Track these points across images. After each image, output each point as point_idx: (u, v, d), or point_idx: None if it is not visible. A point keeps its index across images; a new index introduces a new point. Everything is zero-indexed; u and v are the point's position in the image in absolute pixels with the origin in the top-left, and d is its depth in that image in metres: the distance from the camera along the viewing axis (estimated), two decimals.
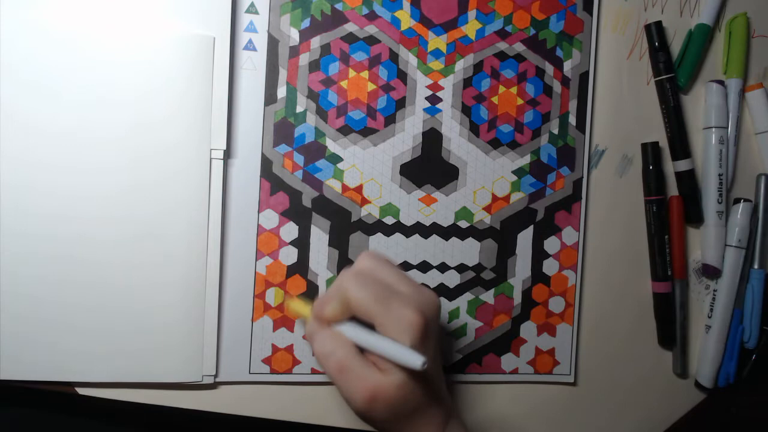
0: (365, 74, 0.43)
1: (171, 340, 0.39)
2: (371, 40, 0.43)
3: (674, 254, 0.48)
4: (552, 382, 0.47)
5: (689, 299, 0.49)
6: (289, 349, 0.43)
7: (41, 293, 0.38)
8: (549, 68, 0.46)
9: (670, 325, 0.48)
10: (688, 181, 0.48)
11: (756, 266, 0.49)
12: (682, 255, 0.48)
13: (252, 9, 0.41)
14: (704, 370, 0.49)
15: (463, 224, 0.45)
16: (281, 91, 0.42)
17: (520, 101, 0.45)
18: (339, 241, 0.43)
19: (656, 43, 0.47)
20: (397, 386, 0.32)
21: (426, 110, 0.44)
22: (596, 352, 0.48)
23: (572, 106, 0.46)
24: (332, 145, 0.43)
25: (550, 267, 0.46)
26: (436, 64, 0.44)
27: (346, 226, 0.43)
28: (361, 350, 0.33)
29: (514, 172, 0.45)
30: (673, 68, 0.47)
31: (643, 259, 0.49)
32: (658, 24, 0.47)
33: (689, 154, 0.48)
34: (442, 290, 0.45)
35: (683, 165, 0.47)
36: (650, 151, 0.47)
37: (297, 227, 0.42)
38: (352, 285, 0.33)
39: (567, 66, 0.46)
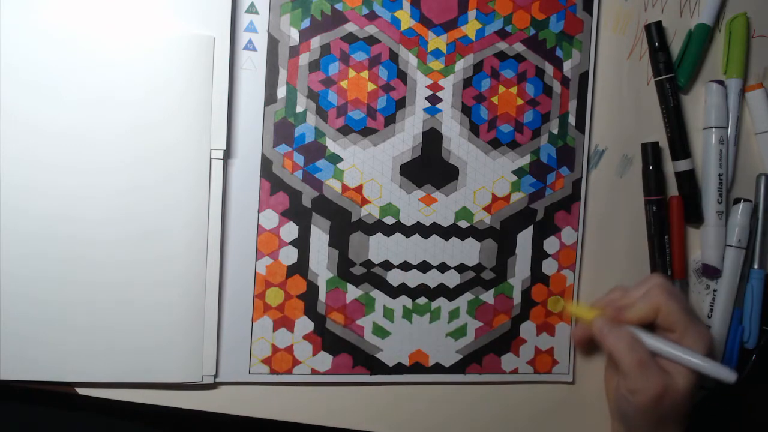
0: (365, 74, 0.43)
1: (171, 340, 0.39)
2: (371, 40, 0.43)
3: (674, 254, 0.48)
4: (551, 382, 0.47)
5: (689, 299, 0.49)
6: (289, 349, 0.43)
7: (41, 293, 0.38)
8: (549, 68, 0.46)
9: None
10: (688, 181, 0.48)
11: (756, 266, 0.49)
12: (682, 255, 0.48)
13: (252, 9, 0.41)
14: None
15: (463, 224, 0.45)
16: (281, 91, 0.42)
17: (520, 101, 0.45)
18: (339, 241, 0.43)
19: (656, 43, 0.47)
20: (684, 391, 0.38)
21: (426, 110, 0.44)
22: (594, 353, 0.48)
23: (572, 106, 0.46)
24: (332, 145, 0.43)
25: (549, 267, 0.46)
26: (436, 64, 0.44)
27: (346, 226, 0.43)
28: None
29: (514, 172, 0.45)
30: (673, 68, 0.47)
31: (643, 259, 0.49)
32: (658, 24, 0.47)
33: (689, 154, 0.48)
34: (442, 290, 0.45)
35: (683, 165, 0.47)
36: (650, 151, 0.47)
37: (297, 227, 0.42)
38: (666, 297, 0.39)
39: (567, 66, 0.46)
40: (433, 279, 0.45)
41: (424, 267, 0.44)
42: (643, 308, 0.40)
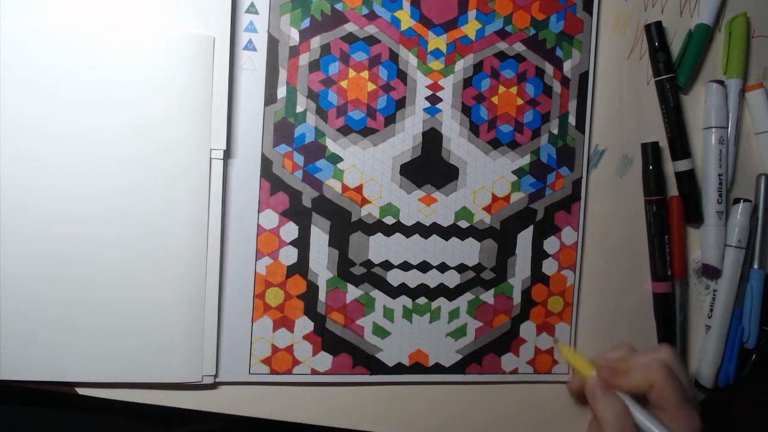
0: (365, 74, 0.43)
1: (171, 340, 0.39)
2: (371, 40, 0.43)
3: (674, 254, 0.48)
4: (551, 382, 0.47)
5: (689, 299, 0.49)
6: (289, 349, 0.43)
7: (41, 293, 0.38)
8: (549, 68, 0.46)
9: (670, 325, 0.48)
10: (688, 181, 0.48)
11: (756, 266, 0.49)
12: (682, 255, 0.48)
13: (252, 9, 0.41)
14: (704, 370, 0.49)
15: (463, 224, 0.45)
16: (281, 91, 0.42)
17: (520, 101, 0.45)
18: (339, 241, 0.43)
19: (656, 43, 0.47)
20: None
21: (426, 110, 0.44)
22: (595, 352, 0.48)
23: (572, 106, 0.46)
24: (332, 145, 0.43)
25: (549, 267, 0.46)
26: (436, 64, 0.44)
27: (346, 226, 0.43)
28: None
29: (514, 172, 0.45)
30: (673, 68, 0.47)
31: (643, 259, 0.49)
32: (658, 24, 0.47)
33: (689, 154, 0.48)
34: (442, 290, 0.45)
35: (683, 165, 0.47)
36: (650, 151, 0.47)
37: (297, 227, 0.42)
38: (663, 374, 0.39)
39: (567, 66, 0.46)
40: (433, 279, 0.45)
41: (424, 267, 0.44)
42: (638, 380, 0.40)
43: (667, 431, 0.38)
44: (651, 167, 0.47)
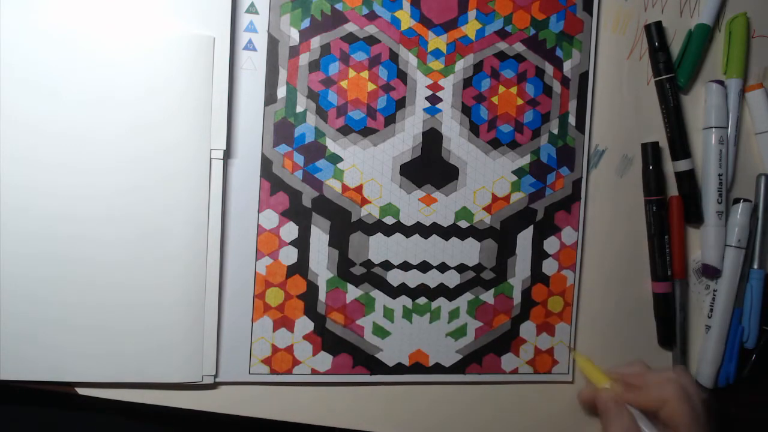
0: (365, 74, 0.43)
1: (171, 340, 0.39)
2: (371, 40, 0.43)
3: (674, 254, 0.48)
4: (551, 382, 0.47)
5: (689, 299, 0.49)
6: (289, 349, 0.43)
7: (41, 293, 0.38)
8: (549, 68, 0.46)
9: (670, 325, 0.48)
10: (688, 181, 0.48)
11: (756, 266, 0.49)
12: (682, 255, 0.48)
13: (252, 9, 0.41)
14: (704, 371, 0.49)
15: (463, 224, 0.45)
16: (281, 91, 0.42)
17: (520, 101, 0.45)
18: (339, 241, 0.43)
19: (656, 43, 0.47)
20: None
21: (426, 110, 0.44)
22: (595, 352, 0.48)
23: (572, 106, 0.46)
24: (332, 145, 0.43)
25: (549, 267, 0.46)
26: (436, 64, 0.44)
27: (346, 226, 0.43)
28: None
29: (514, 172, 0.45)
30: (673, 68, 0.47)
31: (643, 259, 0.49)
32: (658, 24, 0.47)
33: (689, 154, 0.48)
34: (442, 290, 0.45)
35: (683, 165, 0.47)
36: (650, 151, 0.47)
37: (297, 227, 0.42)
38: (677, 394, 0.39)
39: (567, 66, 0.46)
40: (433, 279, 0.45)
41: (424, 267, 0.44)
42: (652, 399, 0.40)
43: None
44: (651, 167, 0.47)
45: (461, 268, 0.45)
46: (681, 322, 0.48)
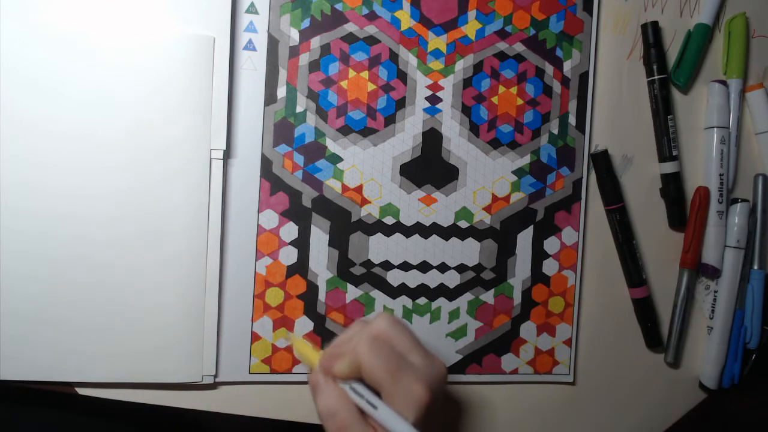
0: (365, 74, 0.43)
1: (171, 340, 0.39)
2: (371, 40, 0.43)
3: (693, 245, 0.47)
4: (551, 382, 0.47)
5: (691, 298, 0.49)
6: (289, 349, 0.42)
7: (41, 293, 0.38)
8: (549, 68, 0.46)
9: (655, 327, 0.48)
10: (674, 184, 0.47)
11: (756, 267, 0.49)
12: (698, 247, 0.48)
13: (252, 9, 0.41)
14: (708, 372, 0.49)
15: (463, 224, 0.45)
16: (281, 91, 0.42)
17: (520, 101, 0.45)
18: (339, 241, 0.43)
19: (651, 42, 0.47)
20: None
21: (426, 110, 0.44)
22: (595, 352, 0.48)
23: (572, 106, 0.46)
24: (332, 145, 0.43)
25: (549, 267, 0.46)
26: (436, 64, 0.44)
27: (346, 226, 0.43)
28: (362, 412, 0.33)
29: (514, 172, 0.45)
30: (666, 69, 0.47)
31: None
32: (654, 24, 0.47)
33: (675, 156, 0.47)
34: (442, 290, 0.45)
35: (668, 167, 0.47)
36: (601, 161, 0.46)
37: (297, 227, 0.42)
38: (365, 349, 0.32)
39: (567, 66, 0.46)
40: (433, 279, 0.45)
41: (424, 267, 0.44)
42: (346, 364, 0.33)
43: (386, 410, 0.32)
44: (605, 175, 0.46)
45: (461, 269, 0.45)
46: (681, 314, 0.48)
